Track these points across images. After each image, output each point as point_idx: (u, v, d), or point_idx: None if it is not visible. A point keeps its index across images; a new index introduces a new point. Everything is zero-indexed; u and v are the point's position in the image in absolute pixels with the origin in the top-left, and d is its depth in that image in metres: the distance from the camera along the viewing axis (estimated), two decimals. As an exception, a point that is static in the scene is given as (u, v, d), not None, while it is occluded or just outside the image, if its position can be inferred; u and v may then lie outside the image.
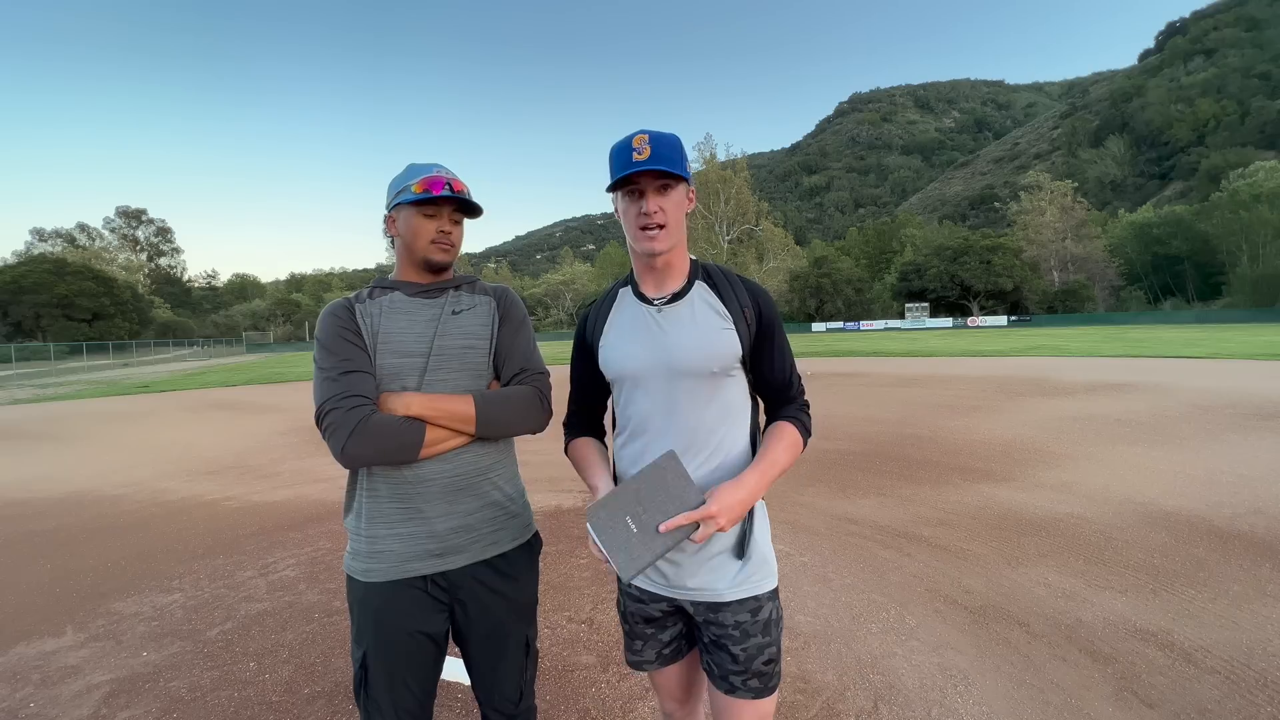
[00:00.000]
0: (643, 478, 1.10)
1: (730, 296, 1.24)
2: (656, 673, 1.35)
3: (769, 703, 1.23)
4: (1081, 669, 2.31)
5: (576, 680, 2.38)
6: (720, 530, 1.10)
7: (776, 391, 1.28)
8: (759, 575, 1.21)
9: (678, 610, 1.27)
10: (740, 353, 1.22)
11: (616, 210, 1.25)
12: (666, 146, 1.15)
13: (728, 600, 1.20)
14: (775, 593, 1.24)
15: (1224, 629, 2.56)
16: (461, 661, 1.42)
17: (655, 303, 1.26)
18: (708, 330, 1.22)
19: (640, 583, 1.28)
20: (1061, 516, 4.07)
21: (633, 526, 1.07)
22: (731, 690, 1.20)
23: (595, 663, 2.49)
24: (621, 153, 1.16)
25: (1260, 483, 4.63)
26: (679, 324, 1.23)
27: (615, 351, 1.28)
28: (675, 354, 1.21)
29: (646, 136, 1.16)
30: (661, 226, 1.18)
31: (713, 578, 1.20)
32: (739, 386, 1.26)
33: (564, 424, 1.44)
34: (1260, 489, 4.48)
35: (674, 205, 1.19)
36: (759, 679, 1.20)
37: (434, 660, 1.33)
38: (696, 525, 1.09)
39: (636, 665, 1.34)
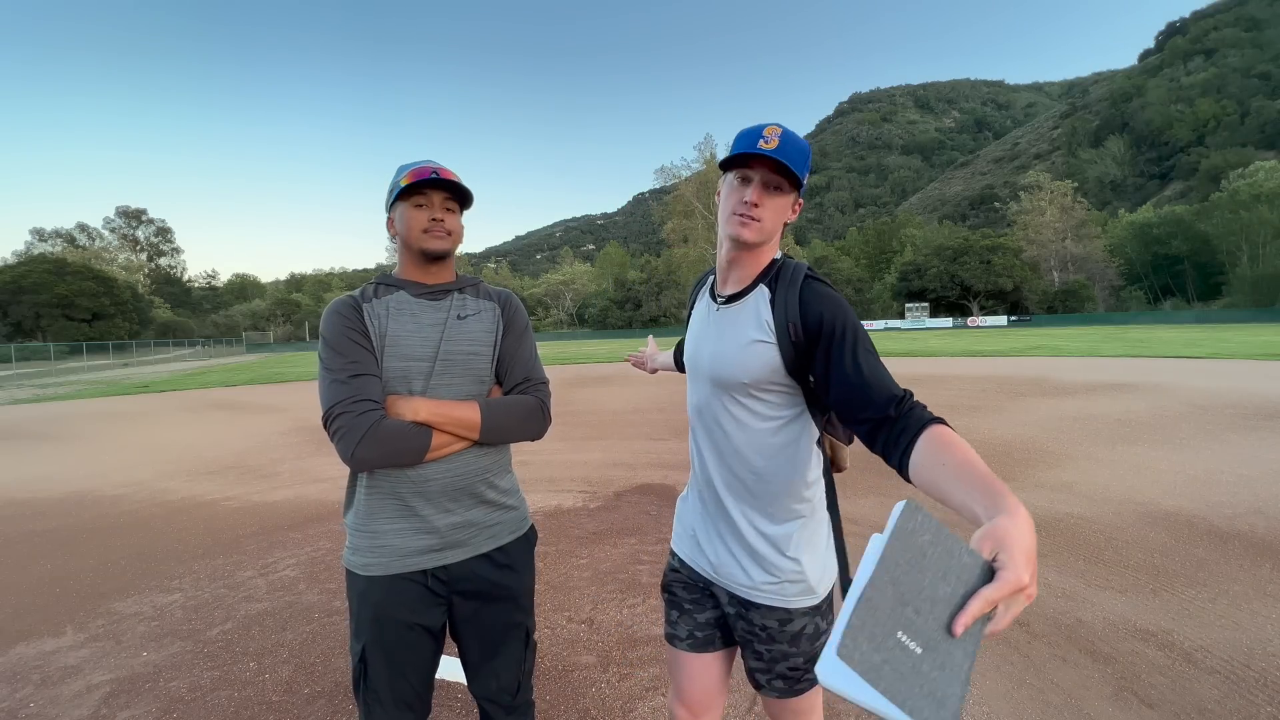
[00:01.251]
0: (890, 557, 0.65)
1: (780, 304, 1.12)
2: (681, 661, 1.32)
3: (803, 700, 1.21)
4: (1081, 669, 2.31)
5: (576, 680, 2.38)
6: (1029, 600, 0.65)
7: (874, 409, 0.99)
8: (794, 590, 1.17)
9: (712, 595, 1.29)
10: (779, 366, 1.12)
11: (718, 193, 1.21)
12: (795, 149, 1.08)
13: (757, 603, 1.19)
14: (815, 610, 1.18)
15: (1224, 629, 2.56)
16: (461, 660, 1.42)
17: (717, 300, 1.25)
18: (739, 340, 1.16)
19: (684, 555, 1.34)
20: (1061, 516, 4.07)
21: (912, 645, 0.62)
22: (759, 687, 1.24)
23: (595, 663, 2.49)
24: (748, 135, 1.11)
25: (1260, 483, 4.63)
26: (722, 328, 1.21)
27: (686, 340, 1.37)
28: (715, 357, 1.21)
29: (779, 129, 1.09)
30: (757, 220, 1.12)
31: (749, 574, 1.19)
32: (790, 402, 1.16)
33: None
34: (1260, 489, 4.48)
35: (776, 206, 1.13)
36: (783, 681, 1.20)
37: (432, 652, 1.35)
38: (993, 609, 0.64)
39: (669, 638, 1.35)
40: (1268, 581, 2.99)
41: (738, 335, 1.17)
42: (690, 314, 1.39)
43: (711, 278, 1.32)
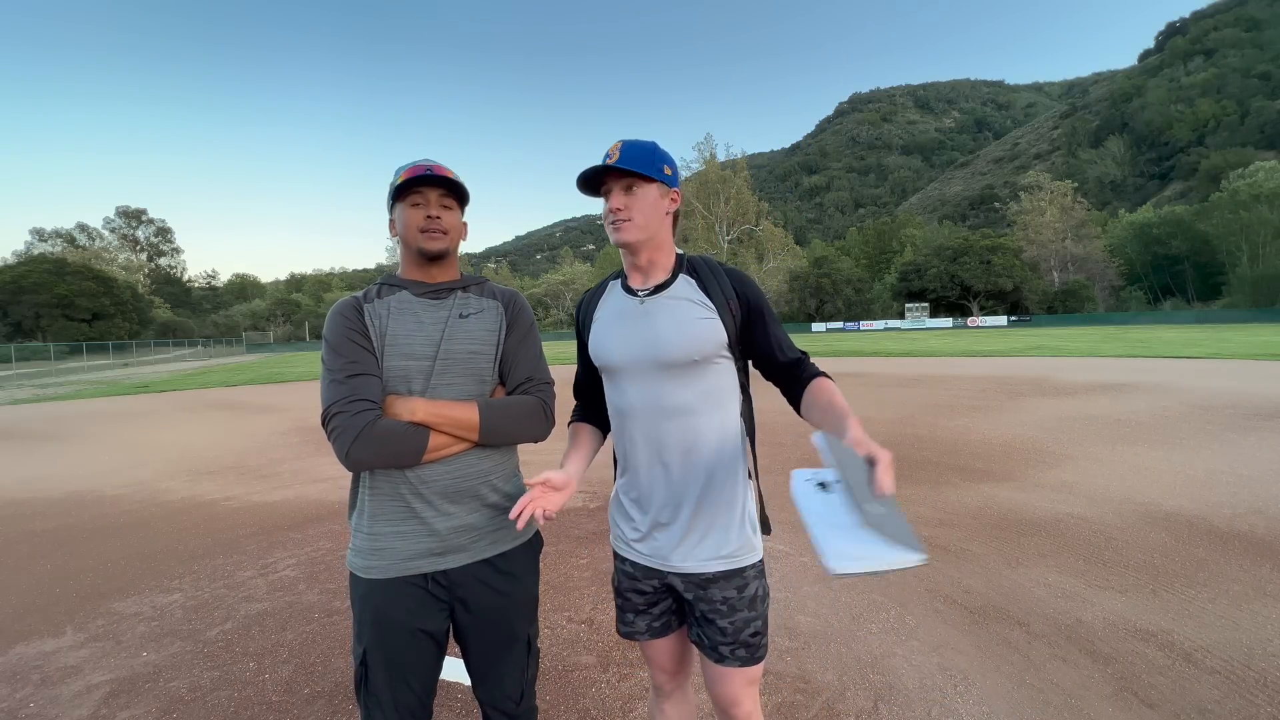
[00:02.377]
0: (846, 469, 0.99)
1: (714, 286, 1.30)
2: (648, 645, 1.42)
3: (756, 669, 1.32)
4: (1081, 669, 2.31)
5: (576, 680, 2.38)
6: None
7: (788, 367, 1.31)
8: (743, 550, 1.29)
9: (668, 588, 1.35)
10: (725, 340, 1.28)
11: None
12: (635, 150, 1.25)
13: (713, 573, 1.27)
14: (761, 570, 1.32)
15: (1224, 629, 2.56)
16: (462, 661, 1.41)
17: (640, 294, 1.32)
18: (689, 319, 1.27)
19: (635, 557, 1.36)
20: (1061, 516, 4.07)
21: (878, 509, 0.94)
22: (721, 660, 1.30)
23: (595, 663, 2.49)
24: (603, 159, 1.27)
25: (1260, 483, 4.63)
26: (661, 314, 1.29)
27: (601, 341, 1.36)
28: (658, 343, 1.27)
29: (620, 144, 1.26)
30: (627, 220, 1.25)
31: (710, 549, 1.28)
32: (726, 374, 1.31)
33: (574, 403, 1.52)
34: (1260, 489, 4.48)
35: (641, 201, 1.26)
36: (746, 649, 1.29)
37: (434, 658, 1.34)
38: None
39: (628, 635, 1.41)
40: (1268, 581, 2.99)
41: (682, 315, 1.28)
42: (591, 322, 1.40)
43: (613, 283, 1.42)
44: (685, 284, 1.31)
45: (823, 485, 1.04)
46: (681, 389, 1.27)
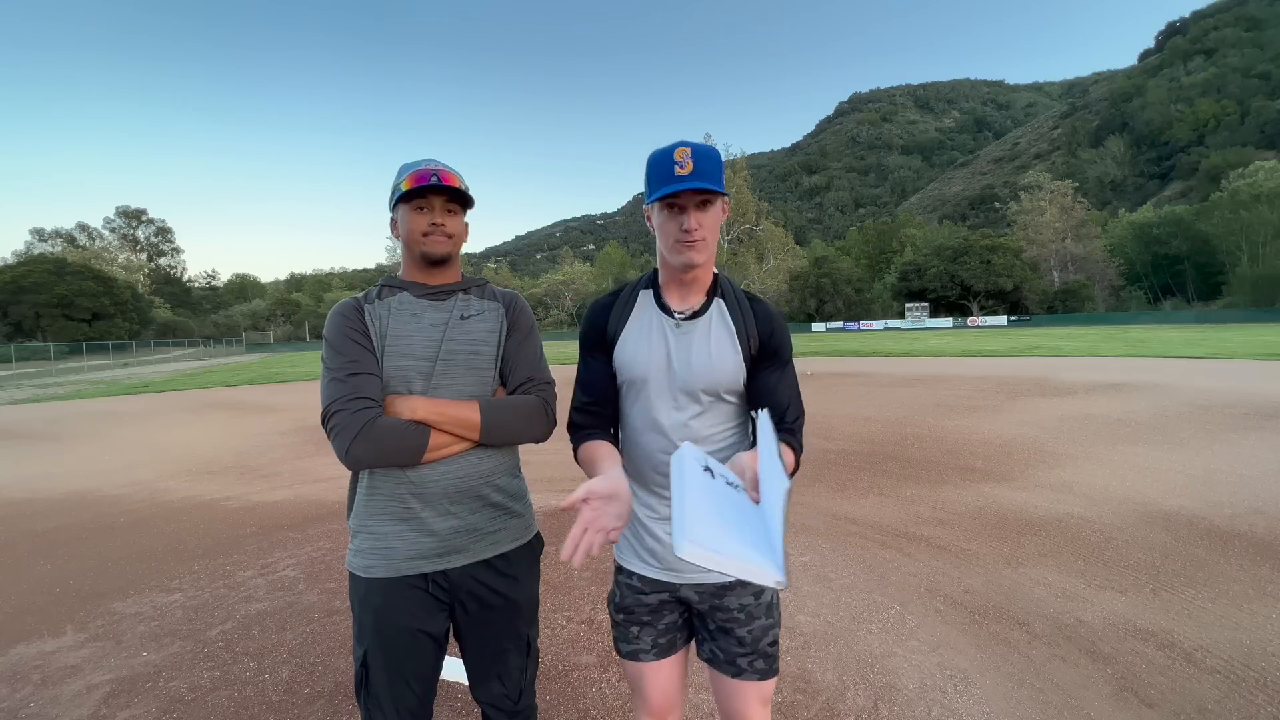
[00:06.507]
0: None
1: (738, 318, 1.28)
2: (645, 671, 1.33)
3: (771, 684, 1.28)
4: (1081, 669, 2.31)
5: (576, 680, 2.38)
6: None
7: (778, 418, 1.24)
8: None
9: (676, 600, 1.31)
10: (743, 374, 1.26)
11: (649, 219, 1.26)
12: (709, 162, 1.14)
13: (730, 580, 1.22)
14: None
15: (1224, 629, 2.56)
16: (462, 661, 1.42)
17: (676, 316, 1.29)
18: (721, 351, 1.25)
19: (643, 570, 1.31)
20: (1061, 516, 4.07)
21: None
22: (739, 673, 1.25)
23: (595, 663, 2.49)
24: (662, 165, 1.15)
25: (1260, 483, 4.63)
26: (694, 341, 1.26)
27: (630, 355, 1.30)
28: (687, 369, 1.24)
29: (689, 150, 1.14)
30: (701, 240, 1.19)
31: None
32: (740, 410, 1.30)
33: (571, 425, 1.33)
34: (1260, 489, 4.48)
35: (712, 220, 1.20)
36: (764, 660, 1.25)
37: (434, 659, 1.34)
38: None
39: (632, 655, 1.33)
40: (1268, 581, 2.99)
41: (720, 344, 1.26)
42: (620, 331, 1.32)
43: (643, 294, 1.33)
44: (719, 310, 1.29)
45: (709, 470, 0.96)
46: (696, 415, 1.26)
